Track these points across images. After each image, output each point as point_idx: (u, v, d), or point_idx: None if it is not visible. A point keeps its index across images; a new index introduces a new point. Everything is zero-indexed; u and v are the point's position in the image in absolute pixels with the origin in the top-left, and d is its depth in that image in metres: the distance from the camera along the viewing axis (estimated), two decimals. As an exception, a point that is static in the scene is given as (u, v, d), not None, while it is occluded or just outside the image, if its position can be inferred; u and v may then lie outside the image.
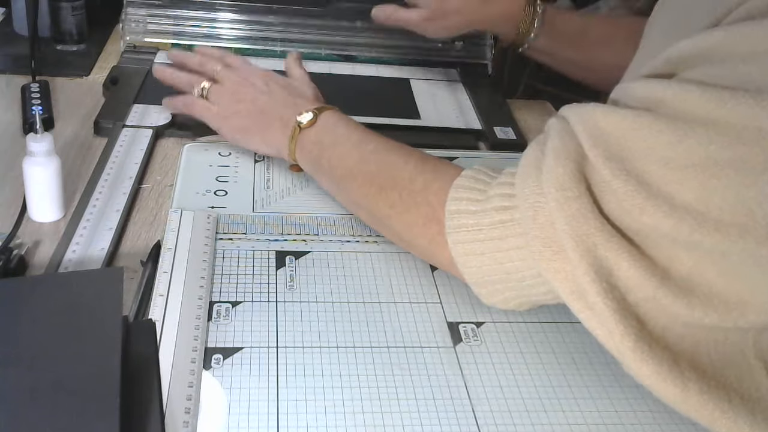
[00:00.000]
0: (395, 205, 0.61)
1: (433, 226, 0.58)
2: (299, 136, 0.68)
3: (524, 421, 0.51)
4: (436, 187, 0.58)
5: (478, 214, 0.55)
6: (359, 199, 0.65)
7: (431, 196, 0.58)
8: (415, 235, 0.60)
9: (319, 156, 0.67)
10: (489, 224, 0.54)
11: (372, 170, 0.63)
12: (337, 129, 0.67)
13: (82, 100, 0.86)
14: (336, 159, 0.66)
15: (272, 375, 0.52)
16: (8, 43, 0.97)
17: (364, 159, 0.64)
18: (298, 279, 0.61)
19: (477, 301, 0.61)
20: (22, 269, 0.59)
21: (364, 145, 0.65)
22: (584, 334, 0.59)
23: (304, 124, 0.68)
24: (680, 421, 0.52)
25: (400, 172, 0.61)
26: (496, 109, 0.90)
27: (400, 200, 0.60)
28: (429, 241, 0.59)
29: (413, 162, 0.62)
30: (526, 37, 0.86)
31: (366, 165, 0.64)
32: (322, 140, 0.67)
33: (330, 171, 0.67)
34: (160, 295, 0.56)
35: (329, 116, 0.68)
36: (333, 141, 0.67)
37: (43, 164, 0.63)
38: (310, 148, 0.68)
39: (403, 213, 0.60)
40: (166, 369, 0.50)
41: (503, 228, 0.53)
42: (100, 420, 0.43)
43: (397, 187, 0.61)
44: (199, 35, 0.98)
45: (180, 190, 0.71)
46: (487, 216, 0.54)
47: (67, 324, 0.50)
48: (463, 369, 0.55)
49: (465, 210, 0.55)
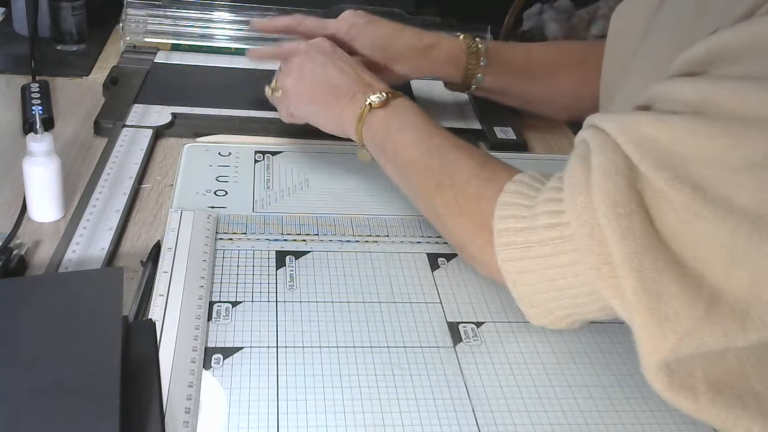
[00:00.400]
0: (450, 205, 0.60)
1: (483, 235, 0.57)
2: (367, 115, 0.67)
3: (524, 421, 0.51)
4: (488, 196, 0.57)
5: (525, 231, 0.54)
6: (418, 191, 0.64)
7: (484, 204, 0.57)
8: (465, 241, 0.60)
9: (384, 139, 0.66)
10: (538, 241, 0.53)
11: (434, 165, 0.62)
12: (407, 116, 0.66)
13: (82, 100, 0.86)
14: (401, 145, 0.65)
15: (272, 375, 0.52)
16: (8, 43, 0.97)
17: (428, 152, 0.63)
18: (298, 279, 0.61)
19: (477, 301, 0.61)
20: (22, 269, 0.59)
21: (430, 138, 0.64)
22: (584, 335, 0.59)
23: (376, 104, 0.67)
24: (680, 421, 0.52)
25: (459, 172, 0.60)
26: (496, 109, 0.90)
27: (455, 202, 0.60)
28: (479, 251, 0.58)
29: (473, 164, 0.60)
30: (473, 78, 0.83)
31: (429, 158, 0.63)
32: (390, 124, 0.66)
33: (394, 157, 0.66)
34: (160, 295, 0.56)
35: (401, 102, 0.68)
36: (400, 126, 0.66)
37: (43, 164, 0.63)
38: (377, 129, 0.67)
39: (456, 215, 0.60)
40: (166, 369, 0.50)
41: (553, 245, 0.52)
42: (100, 420, 0.43)
43: (454, 186, 0.60)
44: (198, 35, 0.98)
45: (180, 190, 0.71)
46: (536, 233, 0.53)
47: (67, 324, 0.50)
48: (463, 369, 0.55)
49: (512, 228, 0.54)
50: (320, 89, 0.71)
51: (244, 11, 0.98)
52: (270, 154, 0.79)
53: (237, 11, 0.99)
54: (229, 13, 0.98)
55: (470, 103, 0.93)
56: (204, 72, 0.94)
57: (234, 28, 0.99)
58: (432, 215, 0.64)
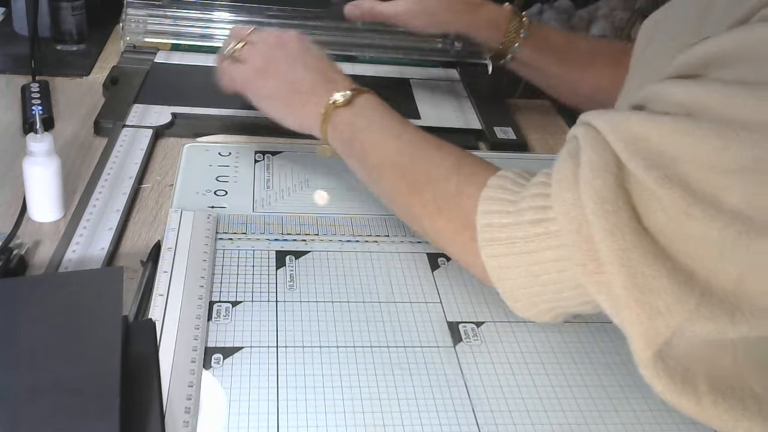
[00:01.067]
0: (428, 204, 0.59)
1: (465, 233, 0.56)
2: (333, 114, 0.65)
3: (524, 421, 0.51)
4: (470, 192, 0.56)
5: (510, 227, 0.53)
6: (392, 193, 0.62)
7: (465, 201, 0.56)
8: (447, 241, 0.59)
9: (351, 138, 0.65)
10: (523, 237, 0.52)
11: (406, 164, 0.61)
12: (374, 114, 0.65)
13: (82, 100, 0.86)
14: (369, 144, 0.64)
15: (272, 375, 0.52)
16: (8, 43, 0.97)
17: (399, 151, 0.62)
18: (298, 279, 0.61)
19: (477, 301, 0.61)
20: (22, 269, 0.59)
21: (400, 136, 0.63)
22: (584, 334, 0.59)
23: (340, 102, 0.65)
24: (680, 421, 0.52)
25: (436, 170, 0.59)
26: (496, 109, 0.90)
27: (433, 201, 0.58)
28: (461, 249, 0.57)
29: (451, 160, 0.59)
30: (510, 46, 0.85)
31: (400, 157, 0.61)
32: (356, 123, 0.65)
33: (362, 156, 0.64)
34: (160, 295, 0.56)
35: (367, 99, 0.66)
36: (367, 125, 0.64)
37: (43, 164, 0.63)
38: (343, 128, 0.65)
39: (434, 215, 0.58)
40: (166, 369, 0.50)
41: (539, 241, 0.52)
42: (100, 420, 0.43)
43: (431, 184, 0.59)
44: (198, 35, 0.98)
45: (180, 190, 0.71)
46: (521, 229, 0.52)
47: (67, 324, 0.50)
48: (463, 369, 0.55)
49: (497, 223, 0.54)
50: (283, 86, 0.69)
51: (244, 11, 0.98)
52: (270, 154, 0.79)
53: (237, 11, 0.98)
54: (229, 13, 0.98)
55: (470, 103, 0.93)
56: (204, 72, 0.94)
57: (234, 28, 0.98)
58: (408, 216, 0.62)
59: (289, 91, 0.69)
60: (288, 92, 0.69)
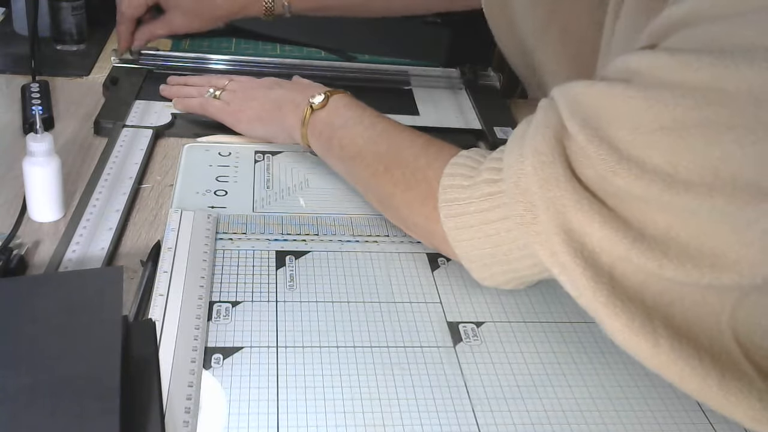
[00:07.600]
0: (398, 183, 0.62)
1: (429, 202, 0.59)
2: (311, 117, 0.70)
3: (524, 421, 0.51)
4: (436, 165, 0.60)
5: (470, 188, 0.56)
6: (367, 179, 0.66)
7: (431, 174, 0.60)
8: (414, 213, 0.62)
9: (330, 137, 0.69)
10: (479, 197, 0.56)
11: (380, 150, 0.65)
12: (348, 111, 0.69)
13: (82, 100, 0.86)
14: (346, 140, 0.67)
15: (272, 375, 0.52)
16: (8, 43, 0.97)
17: (373, 140, 0.66)
18: (298, 279, 0.61)
19: (477, 301, 0.61)
20: (22, 269, 0.59)
21: (374, 127, 0.67)
22: (584, 334, 0.59)
23: (316, 105, 0.70)
24: (680, 421, 0.52)
25: (406, 151, 0.63)
26: (496, 109, 0.90)
27: (403, 178, 0.62)
28: (425, 218, 0.60)
29: (420, 143, 0.63)
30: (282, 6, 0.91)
31: (374, 146, 0.65)
32: (333, 121, 0.69)
33: (340, 152, 0.68)
34: (160, 295, 0.56)
35: (341, 98, 0.71)
36: (344, 122, 0.68)
37: (43, 164, 0.63)
38: (321, 129, 0.70)
39: (405, 191, 0.62)
40: (166, 369, 0.50)
41: (491, 200, 0.55)
42: (100, 420, 0.43)
43: (401, 165, 0.62)
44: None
45: (180, 190, 0.71)
46: (477, 189, 0.56)
47: (67, 324, 0.50)
48: (463, 369, 0.55)
49: (458, 185, 0.57)
50: (266, 105, 0.76)
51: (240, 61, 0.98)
52: (270, 154, 0.79)
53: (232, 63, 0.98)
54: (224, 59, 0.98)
55: (470, 103, 0.93)
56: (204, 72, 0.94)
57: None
58: (381, 200, 0.66)
59: (272, 109, 0.76)
60: (272, 110, 0.76)
